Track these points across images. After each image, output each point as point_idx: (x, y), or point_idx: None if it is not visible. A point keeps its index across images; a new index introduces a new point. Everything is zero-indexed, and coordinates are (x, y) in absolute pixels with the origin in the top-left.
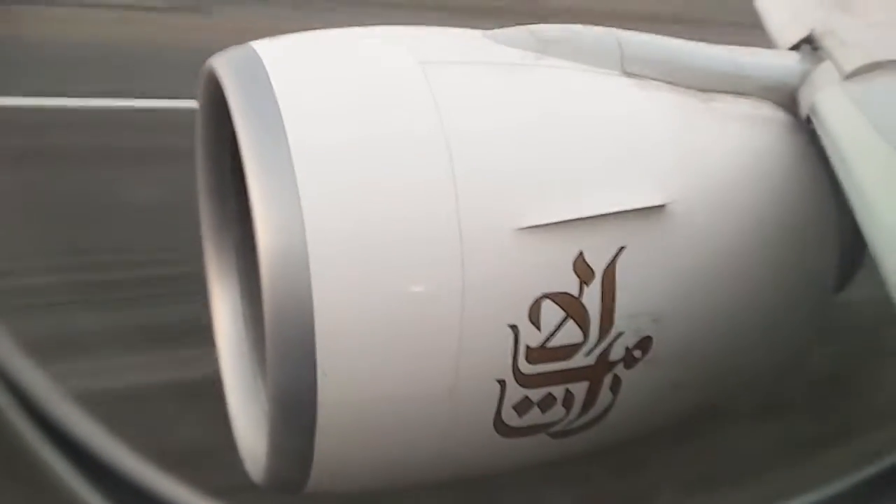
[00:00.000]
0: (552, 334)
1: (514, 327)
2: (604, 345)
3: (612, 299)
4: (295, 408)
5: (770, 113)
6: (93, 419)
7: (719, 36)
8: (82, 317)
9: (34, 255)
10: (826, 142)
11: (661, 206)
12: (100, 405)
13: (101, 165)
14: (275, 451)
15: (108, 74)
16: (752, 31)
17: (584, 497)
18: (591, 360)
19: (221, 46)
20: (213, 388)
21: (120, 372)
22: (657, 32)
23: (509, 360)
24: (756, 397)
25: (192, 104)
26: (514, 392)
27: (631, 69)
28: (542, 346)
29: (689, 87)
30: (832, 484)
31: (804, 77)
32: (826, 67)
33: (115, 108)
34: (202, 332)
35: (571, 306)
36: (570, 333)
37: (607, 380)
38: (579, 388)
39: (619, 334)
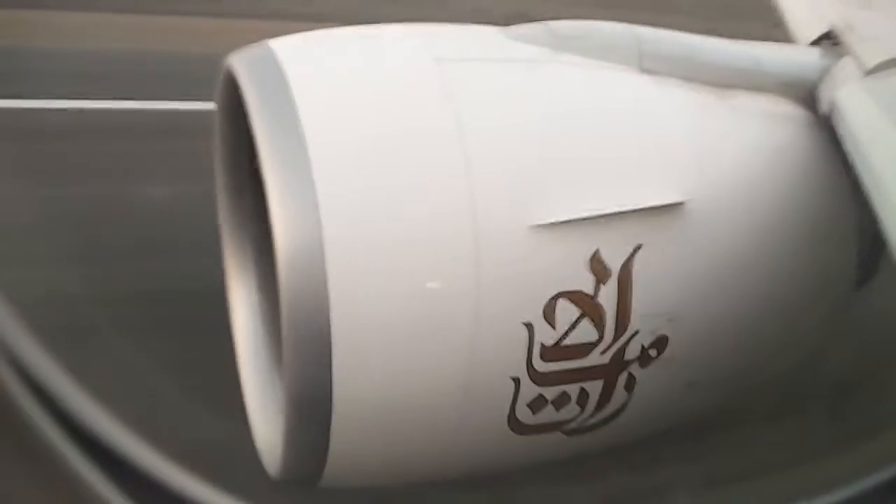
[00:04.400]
0: (567, 333)
1: (528, 325)
2: (619, 344)
3: (629, 298)
4: (310, 403)
5: (789, 109)
6: (108, 412)
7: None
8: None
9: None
10: (846, 138)
11: (679, 204)
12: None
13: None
14: (290, 445)
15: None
16: None
17: (599, 493)
18: (606, 358)
19: None
20: None
21: None
22: None
23: (524, 358)
24: (773, 395)
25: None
26: (529, 390)
27: (648, 66)
28: (557, 345)
29: (707, 83)
30: (850, 485)
31: (824, 73)
32: (846, 63)
33: (132, 111)
34: None
35: (587, 305)
36: (586, 332)
37: (622, 378)
38: (594, 387)
39: (635, 333)
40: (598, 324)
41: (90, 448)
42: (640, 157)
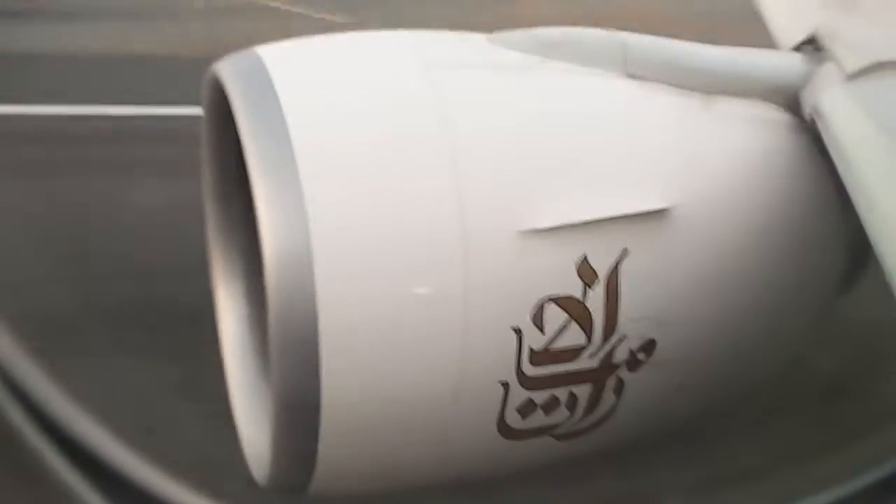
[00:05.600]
0: (556, 337)
1: (517, 330)
2: (608, 348)
3: (616, 302)
4: (298, 410)
5: (773, 114)
6: (93, 418)
7: None
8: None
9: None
10: (830, 143)
11: (665, 210)
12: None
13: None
14: (278, 452)
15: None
16: None
17: (588, 498)
18: (594, 362)
19: None
20: None
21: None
22: None
23: (512, 363)
24: (761, 399)
25: (196, 110)
26: (518, 394)
27: (633, 71)
28: (546, 349)
29: (691, 88)
30: (834, 488)
31: (807, 78)
32: (829, 68)
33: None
34: None
35: (575, 309)
36: (574, 336)
37: (611, 382)
38: (583, 391)
39: (623, 337)
40: (587, 328)
41: (79, 458)
42: (627, 163)
